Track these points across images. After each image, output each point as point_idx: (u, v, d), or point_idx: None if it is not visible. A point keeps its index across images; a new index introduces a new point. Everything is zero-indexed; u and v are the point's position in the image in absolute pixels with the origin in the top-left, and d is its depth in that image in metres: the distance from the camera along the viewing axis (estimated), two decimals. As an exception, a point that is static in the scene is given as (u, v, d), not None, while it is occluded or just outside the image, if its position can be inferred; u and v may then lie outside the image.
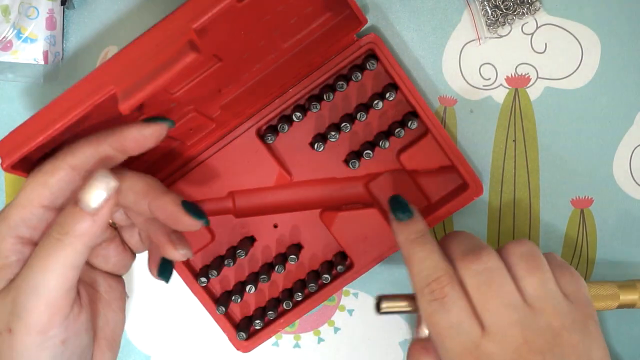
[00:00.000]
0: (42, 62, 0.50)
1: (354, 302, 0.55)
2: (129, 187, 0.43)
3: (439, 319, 0.42)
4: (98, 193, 0.39)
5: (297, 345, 0.55)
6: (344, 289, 0.54)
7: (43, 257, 0.39)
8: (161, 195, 0.43)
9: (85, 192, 0.39)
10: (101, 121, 0.43)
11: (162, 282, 0.45)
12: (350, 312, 0.55)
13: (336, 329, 0.55)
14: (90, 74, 0.41)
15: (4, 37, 0.48)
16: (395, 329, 0.55)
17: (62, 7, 0.50)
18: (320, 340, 0.55)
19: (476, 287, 0.42)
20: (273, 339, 0.55)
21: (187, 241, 0.45)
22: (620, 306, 0.51)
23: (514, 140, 0.53)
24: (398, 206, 0.46)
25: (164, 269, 0.45)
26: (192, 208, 0.43)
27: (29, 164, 0.42)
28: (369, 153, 0.50)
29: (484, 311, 0.42)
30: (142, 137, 0.42)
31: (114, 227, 0.47)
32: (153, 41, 0.40)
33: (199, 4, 0.39)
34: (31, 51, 0.49)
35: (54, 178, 0.41)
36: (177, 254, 0.44)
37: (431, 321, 0.42)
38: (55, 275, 0.39)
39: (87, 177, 0.41)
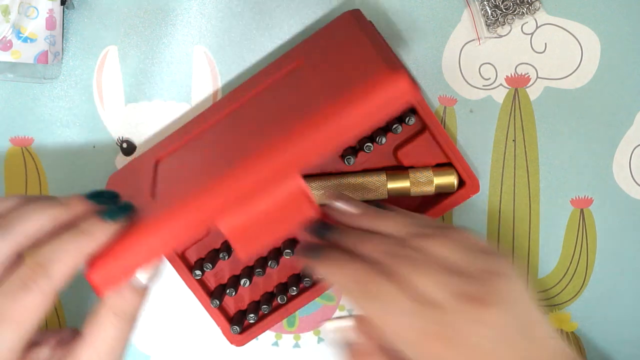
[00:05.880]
0: (42, 62, 0.50)
1: (354, 302, 0.54)
2: None
3: (384, 313, 0.39)
4: None
5: (297, 345, 0.55)
6: (344, 289, 0.54)
7: None
8: None
9: None
10: None
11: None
12: (350, 312, 0.55)
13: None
14: (188, 208, 0.41)
15: (3, 37, 0.49)
16: (395, 329, 0.54)
17: (62, 7, 0.50)
18: (320, 340, 0.55)
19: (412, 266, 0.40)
20: (273, 338, 0.55)
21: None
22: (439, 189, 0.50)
23: (514, 140, 0.53)
24: (308, 250, 0.44)
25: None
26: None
27: None
28: (369, 146, 0.50)
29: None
30: None
31: None
32: (255, 176, 0.40)
33: (306, 152, 0.39)
34: (31, 51, 0.49)
35: None
36: None
37: (381, 321, 0.40)
38: None
39: None
